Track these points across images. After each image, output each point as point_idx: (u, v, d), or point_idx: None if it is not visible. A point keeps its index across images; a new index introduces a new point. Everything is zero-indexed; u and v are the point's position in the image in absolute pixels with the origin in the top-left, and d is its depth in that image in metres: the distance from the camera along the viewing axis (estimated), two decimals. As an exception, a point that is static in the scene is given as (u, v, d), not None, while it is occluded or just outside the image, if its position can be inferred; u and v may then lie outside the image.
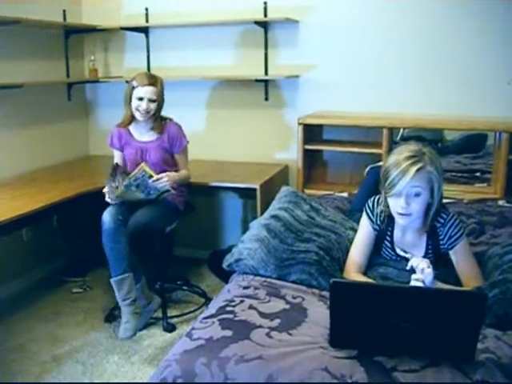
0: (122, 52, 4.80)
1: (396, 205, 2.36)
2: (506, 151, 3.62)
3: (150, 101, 3.44)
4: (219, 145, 4.58)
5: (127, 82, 4.27)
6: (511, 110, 3.83)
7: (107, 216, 3.40)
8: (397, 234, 2.55)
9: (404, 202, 2.32)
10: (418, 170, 2.27)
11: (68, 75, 4.69)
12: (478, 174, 4.05)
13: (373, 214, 2.57)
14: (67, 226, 4.53)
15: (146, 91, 3.42)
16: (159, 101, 3.50)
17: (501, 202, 3.49)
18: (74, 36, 4.65)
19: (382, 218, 2.54)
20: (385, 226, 2.55)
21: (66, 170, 4.39)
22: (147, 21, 4.60)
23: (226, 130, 4.59)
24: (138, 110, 3.45)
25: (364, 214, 2.62)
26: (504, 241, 2.77)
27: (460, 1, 3.82)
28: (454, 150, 4.20)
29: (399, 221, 2.43)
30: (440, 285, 2.27)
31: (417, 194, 2.32)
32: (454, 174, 4.06)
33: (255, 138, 4.52)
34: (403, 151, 2.36)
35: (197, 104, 4.57)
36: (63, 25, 4.51)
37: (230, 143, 4.59)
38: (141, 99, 3.43)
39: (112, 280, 3.46)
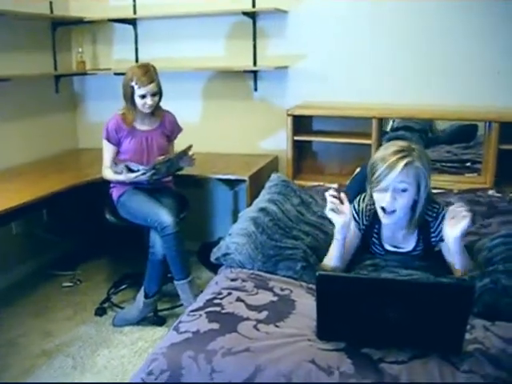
0: (109, 44, 4.77)
1: (382, 200, 2.32)
2: (496, 141, 3.62)
3: (153, 95, 3.42)
4: (208, 136, 4.56)
5: (116, 74, 4.28)
6: (501, 99, 3.82)
7: (168, 219, 3.30)
8: (385, 231, 2.52)
9: (390, 196, 2.28)
10: (405, 165, 2.23)
11: (56, 68, 4.65)
12: (468, 164, 4.06)
13: (358, 216, 2.53)
14: (57, 219, 4.51)
15: (147, 89, 3.39)
16: (160, 91, 3.50)
17: (491, 192, 3.50)
18: (61, 28, 4.62)
19: (367, 216, 2.51)
20: (371, 224, 2.52)
21: (54, 163, 4.36)
22: (135, 12, 4.57)
23: (215, 121, 4.58)
24: (144, 106, 3.44)
25: None
26: (493, 231, 2.77)
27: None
28: (445, 140, 4.20)
29: (382, 220, 2.39)
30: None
31: (404, 190, 2.28)
32: (444, 164, 4.06)
33: (244, 129, 4.51)
34: (391, 146, 2.32)
35: (185, 95, 4.55)
36: (50, 17, 4.48)
37: (219, 134, 4.58)
38: (144, 97, 3.40)
39: (182, 282, 3.40)
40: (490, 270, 2.28)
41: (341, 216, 2.37)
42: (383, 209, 2.34)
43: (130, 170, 3.38)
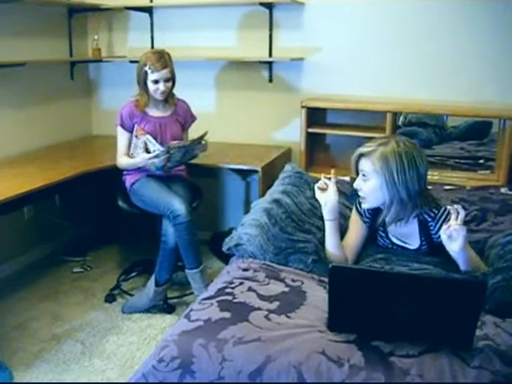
0: (125, 32, 4.77)
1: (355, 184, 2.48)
2: (510, 139, 3.60)
3: (166, 81, 3.44)
4: (222, 126, 4.56)
5: (131, 62, 4.28)
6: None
7: (181, 208, 3.31)
8: (388, 223, 2.53)
9: (357, 180, 2.45)
10: (360, 156, 2.40)
11: (71, 54, 4.66)
12: (481, 161, 4.04)
13: (360, 207, 2.58)
14: (69, 205, 4.53)
15: (161, 74, 3.40)
16: (173, 78, 3.51)
17: (503, 190, 3.47)
18: (77, 15, 4.62)
19: (370, 210, 2.54)
20: (375, 215, 2.54)
21: (68, 149, 4.36)
22: (151, 0, 4.57)
23: (229, 111, 4.58)
24: (156, 92, 3.45)
25: (354, 209, 2.64)
26: (505, 228, 2.75)
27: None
28: (459, 137, 4.18)
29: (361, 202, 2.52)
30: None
31: (364, 177, 2.41)
32: (457, 160, 4.06)
33: (258, 120, 4.51)
34: (378, 138, 2.46)
35: (200, 85, 4.56)
36: (67, 3, 4.48)
37: (232, 124, 4.58)
38: (157, 82, 3.42)
39: (194, 271, 3.41)
40: (502, 267, 2.28)
41: (324, 196, 2.52)
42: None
43: (147, 151, 3.40)
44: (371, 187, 2.38)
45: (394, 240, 2.56)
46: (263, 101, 4.46)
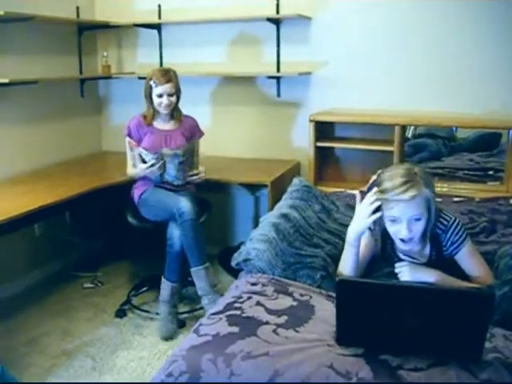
0: (134, 48, 4.81)
1: (398, 232, 2.30)
2: (519, 149, 3.59)
3: (170, 95, 3.56)
4: (230, 141, 4.59)
5: (140, 78, 4.32)
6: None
7: (187, 205, 3.39)
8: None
9: (406, 229, 2.26)
10: (414, 197, 2.20)
11: (81, 71, 4.71)
12: (491, 173, 4.02)
13: (373, 224, 2.50)
14: (79, 221, 4.55)
15: (164, 88, 3.54)
16: (177, 93, 3.62)
17: (512, 201, 3.47)
18: (87, 32, 4.68)
19: (380, 225, 2.45)
20: (385, 233, 2.48)
21: (78, 166, 4.40)
22: (160, 17, 4.62)
23: (238, 126, 4.60)
24: (160, 106, 3.58)
25: None
26: (514, 240, 2.75)
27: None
28: (468, 148, 4.17)
29: (401, 246, 2.38)
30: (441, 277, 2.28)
31: (417, 219, 2.26)
32: (466, 172, 4.04)
33: (267, 135, 4.52)
34: (396, 176, 2.27)
35: (208, 100, 4.59)
36: (77, 21, 4.54)
37: (241, 139, 4.60)
38: (161, 96, 3.55)
39: (198, 268, 3.45)
40: (510, 278, 2.27)
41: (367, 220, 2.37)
42: (401, 239, 2.33)
43: (144, 162, 3.53)
44: (424, 224, 2.29)
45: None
46: (272, 115, 4.48)
